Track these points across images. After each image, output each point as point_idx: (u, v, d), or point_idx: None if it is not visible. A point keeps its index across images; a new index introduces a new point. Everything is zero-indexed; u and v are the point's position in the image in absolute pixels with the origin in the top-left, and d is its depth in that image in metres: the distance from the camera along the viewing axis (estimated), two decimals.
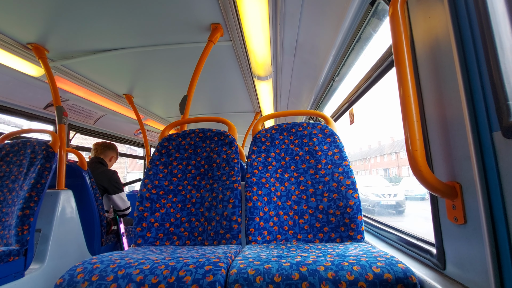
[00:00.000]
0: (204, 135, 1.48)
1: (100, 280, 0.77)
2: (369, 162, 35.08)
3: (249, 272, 0.75)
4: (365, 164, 35.93)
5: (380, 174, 30.56)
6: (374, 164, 33.76)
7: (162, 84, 2.67)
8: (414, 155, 0.70)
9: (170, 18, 1.60)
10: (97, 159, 2.40)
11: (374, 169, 33.52)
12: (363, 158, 36.39)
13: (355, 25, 1.55)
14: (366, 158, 35.51)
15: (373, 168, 33.97)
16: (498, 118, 0.57)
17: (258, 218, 1.24)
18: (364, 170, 36.04)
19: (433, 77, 0.79)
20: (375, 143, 41.05)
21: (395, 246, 1.20)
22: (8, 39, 1.74)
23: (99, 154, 2.45)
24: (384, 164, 30.57)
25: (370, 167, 34.85)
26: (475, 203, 0.65)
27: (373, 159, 34.10)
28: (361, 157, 37.66)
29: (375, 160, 33.44)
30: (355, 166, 38.60)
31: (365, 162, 35.94)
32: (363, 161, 36.47)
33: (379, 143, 37.85)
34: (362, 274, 0.72)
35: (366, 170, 35.79)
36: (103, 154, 2.47)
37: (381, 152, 31.71)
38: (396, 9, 0.76)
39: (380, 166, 32.03)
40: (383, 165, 30.70)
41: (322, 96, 2.76)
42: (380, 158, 31.85)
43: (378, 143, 38.23)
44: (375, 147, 37.71)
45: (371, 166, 34.48)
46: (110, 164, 2.54)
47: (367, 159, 35.33)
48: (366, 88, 1.71)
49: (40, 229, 1.61)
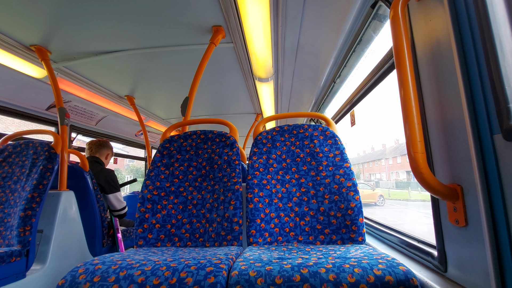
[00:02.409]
0: (205, 137, 1.49)
1: (102, 281, 0.77)
2: (386, 164, 31.00)
3: (250, 274, 0.76)
4: (380, 165, 31.87)
5: (403, 178, 27.18)
6: (393, 166, 29.92)
7: (163, 86, 2.68)
8: (415, 157, 0.70)
9: (172, 20, 1.61)
10: (93, 158, 2.38)
11: (393, 171, 29.57)
12: (377, 159, 32.16)
13: (356, 27, 1.55)
14: (382, 158, 31.33)
15: (392, 170, 30.00)
16: (499, 120, 0.57)
17: (259, 219, 1.24)
18: (380, 173, 31.87)
19: (434, 79, 0.79)
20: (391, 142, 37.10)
21: (396, 248, 1.20)
22: (12, 41, 1.75)
23: (94, 153, 2.43)
24: (406, 166, 25.80)
25: (387, 169, 30.61)
26: (476, 205, 0.66)
27: (391, 159, 30.08)
28: (375, 157, 33.38)
29: (395, 161, 29.49)
30: (367, 169, 34.76)
31: (380, 164, 31.89)
32: (377, 163, 32.22)
33: (397, 141, 33.96)
34: (363, 276, 0.72)
35: (382, 173, 31.61)
36: (99, 152, 2.44)
37: (402, 152, 27.49)
38: (397, 12, 0.77)
39: (402, 168, 27.90)
40: (406, 167, 25.93)
41: (323, 98, 2.76)
42: (401, 159, 28.00)
43: (396, 141, 34.48)
44: (391, 146, 33.35)
45: (389, 168, 30.53)
46: (106, 162, 2.51)
47: (383, 159, 31.22)
48: (367, 90, 1.71)
49: (42, 230, 1.62)
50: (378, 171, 33.29)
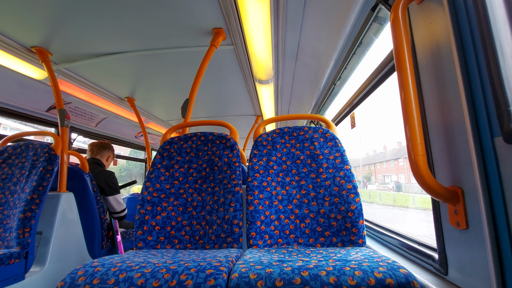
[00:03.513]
0: (205, 139, 1.49)
1: (101, 283, 0.77)
2: (405, 164, 25.88)
3: (250, 276, 0.75)
4: (397, 166, 27.80)
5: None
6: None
7: (164, 88, 2.69)
8: (415, 159, 0.70)
9: (172, 22, 1.61)
10: (94, 160, 2.38)
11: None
12: (394, 158, 28.06)
13: (357, 30, 1.56)
14: (401, 157, 27.15)
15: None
16: (499, 123, 0.57)
17: (259, 222, 1.24)
18: (397, 174, 27.89)
19: (434, 82, 0.80)
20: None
21: (397, 251, 1.19)
22: (12, 43, 1.75)
23: (95, 155, 2.43)
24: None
25: (407, 170, 25.75)
26: (477, 208, 0.65)
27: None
28: (390, 156, 29.24)
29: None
30: (380, 170, 30.97)
31: (397, 164, 27.83)
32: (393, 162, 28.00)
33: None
34: (364, 279, 0.71)
35: (399, 174, 27.78)
36: (99, 154, 2.44)
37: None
38: (397, 15, 0.77)
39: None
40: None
41: (324, 100, 2.77)
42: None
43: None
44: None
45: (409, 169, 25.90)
46: (107, 164, 2.51)
47: (401, 158, 27.22)
48: (367, 92, 1.72)
49: (41, 232, 1.61)
50: (395, 172, 29.38)
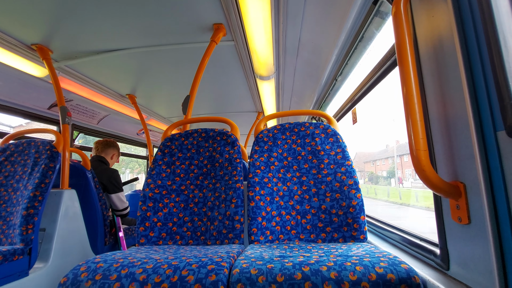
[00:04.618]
0: (206, 135, 1.49)
1: (104, 279, 0.78)
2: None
3: (251, 272, 0.76)
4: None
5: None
6: None
7: (165, 84, 2.68)
8: (417, 154, 0.70)
9: (173, 19, 1.60)
10: (98, 157, 2.41)
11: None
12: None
13: (358, 24, 1.54)
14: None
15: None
16: (502, 117, 0.57)
17: (261, 218, 1.24)
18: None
19: (437, 76, 0.79)
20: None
21: (398, 246, 1.19)
22: (13, 40, 1.75)
23: (100, 153, 2.46)
24: None
25: None
26: (479, 203, 0.65)
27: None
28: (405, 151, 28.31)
29: None
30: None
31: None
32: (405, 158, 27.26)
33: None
34: (365, 274, 0.71)
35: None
36: (104, 152, 2.47)
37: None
38: (399, 9, 0.76)
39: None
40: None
41: (325, 95, 2.75)
42: None
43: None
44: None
45: None
46: (111, 162, 2.54)
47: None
48: (369, 87, 1.70)
49: (44, 229, 1.62)
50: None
